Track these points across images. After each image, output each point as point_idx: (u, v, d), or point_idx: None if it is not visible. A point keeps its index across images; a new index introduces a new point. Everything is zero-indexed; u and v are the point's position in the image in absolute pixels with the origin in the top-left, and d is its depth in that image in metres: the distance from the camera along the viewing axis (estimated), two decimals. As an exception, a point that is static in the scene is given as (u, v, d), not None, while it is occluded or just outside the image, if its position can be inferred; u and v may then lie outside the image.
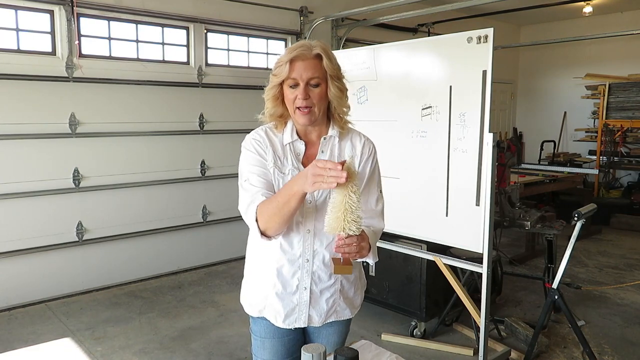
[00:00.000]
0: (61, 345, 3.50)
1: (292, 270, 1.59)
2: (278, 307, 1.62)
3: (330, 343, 1.73)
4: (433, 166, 3.06)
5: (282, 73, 1.49)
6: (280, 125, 1.60)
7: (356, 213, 1.34)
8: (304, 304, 1.62)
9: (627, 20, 7.80)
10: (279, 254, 1.58)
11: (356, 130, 1.69)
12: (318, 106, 1.52)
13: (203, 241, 5.22)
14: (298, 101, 1.50)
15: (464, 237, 2.94)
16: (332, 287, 1.64)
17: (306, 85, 1.50)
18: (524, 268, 5.23)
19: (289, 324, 1.64)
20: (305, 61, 1.49)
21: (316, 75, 1.49)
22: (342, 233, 1.36)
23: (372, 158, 1.66)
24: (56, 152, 4.23)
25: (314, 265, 1.59)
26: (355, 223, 1.35)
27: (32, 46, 4.12)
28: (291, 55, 1.48)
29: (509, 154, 4.04)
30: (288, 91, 1.52)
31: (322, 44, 1.53)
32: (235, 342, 3.55)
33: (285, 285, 1.60)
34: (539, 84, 9.23)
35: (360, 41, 6.11)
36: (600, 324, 3.86)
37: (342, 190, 1.33)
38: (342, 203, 1.33)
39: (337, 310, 1.68)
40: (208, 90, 5.14)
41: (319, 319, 1.65)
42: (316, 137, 1.62)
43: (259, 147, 1.57)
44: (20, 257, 4.12)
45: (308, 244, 1.58)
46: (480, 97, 2.77)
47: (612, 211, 7.06)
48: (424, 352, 3.42)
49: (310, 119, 1.53)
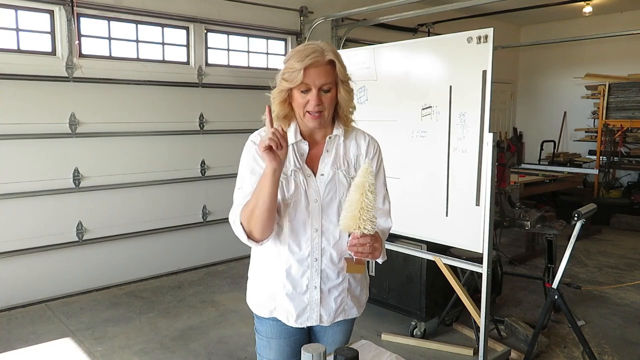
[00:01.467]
0: (61, 345, 3.50)
1: (301, 270, 1.59)
2: (289, 308, 1.62)
3: (335, 342, 1.73)
4: (433, 166, 3.06)
5: (296, 80, 1.48)
6: (284, 126, 1.58)
7: (372, 212, 1.36)
8: (314, 303, 1.62)
9: (627, 20, 7.80)
10: (287, 254, 1.58)
11: (360, 129, 1.70)
12: (328, 110, 1.54)
13: (203, 241, 5.22)
14: (310, 106, 1.50)
15: (464, 237, 2.94)
16: (340, 285, 1.64)
17: (319, 91, 1.50)
18: (524, 268, 5.23)
19: (301, 323, 1.63)
20: (319, 68, 1.48)
21: (329, 81, 1.50)
22: (357, 231, 1.38)
23: (378, 157, 1.68)
24: (56, 152, 4.23)
25: (322, 264, 1.60)
26: (371, 222, 1.37)
27: (32, 46, 4.12)
28: (305, 63, 1.46)
29: (509, 154, 4.04)
30: (298, 95, 1.51)
31: (331, 47, 1.53)
32: (235, 342, 3.55)
33: (295, 285, 1.60)
34: (539, 84, 9.23)
35: (360, 41, 6.11)
36: (600, 324, 3.86)
37: (359, 189, 1.36)
38: (358, 201, 1.35)
39: (345, 309, 1.68)
40: (208, 90, 5.14)
41: (328, 318, 1.65)
42: (321, 137, 1.62)
43: (258, 152, 1.55)
44: (20, 257, 4.12)
45: (316, 243, 1.58)
46: (480, 97, 2.77)
47: (612, 211, 7.06)
48: (424, 352, 3.42)
49: (320, 123, 1.54)
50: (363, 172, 1.38)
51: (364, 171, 1.38)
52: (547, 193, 6.69)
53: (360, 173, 1.39)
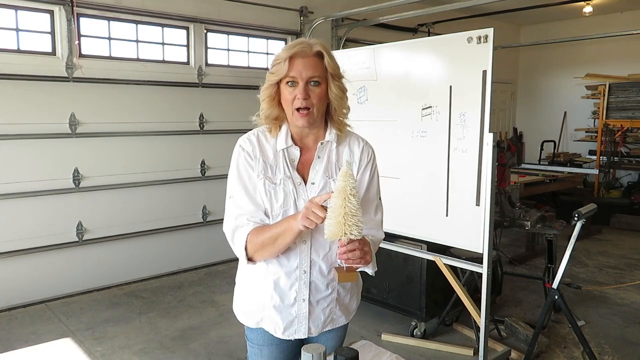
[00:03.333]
0: (61, 345, 3.50)
1: (289, 282, 1.54)
2: (277, 320, 1.57)
3: (328, 348, 1.71)
4: (433, 166, 3.06)
5: (281, 71, 1.42)
6: (274, 129, 1.53)
7: (357, 217, 1.30)
8: (302, 315, 1.57)
9: (627, 20, 7.80)
10: (275, 266, 1.53)
11: (355, 134, 1.62)
12: (317, 107, 1.46)
13: (203, 241, 5.22)
14: (297, 102, 1.43)
15: (464, 237, 2.94)
16: (328, 296, 1.59)
17: (306, 85, 1.43)
18: (524, 268, 5.23)
19: (289, 335, 1.59)
20: (305, 59, 1.42)
21: (317, 74, 1.43)
22: (344, 238, 1.32)
23: (372, 164, 1.60)
24: (56, 152, 4.23)
25: (311, 276, 1.54)
26: (357, 227, 1.31)
27: (32, 46, 4.11)
28: (290, 52, 1.42)
29: (509, 154, 4.04)
30: (286, 91, 1.45)
31: (321, 41, 1.48)
32: (235, 342, 3.54)
33: (283, 297, 1.55)
34: (539, 84, 9.23)
35: (360, 41, 6.11)
36: (600, 324, 3.86)
37: (340, 194, 1.29)
38: (341, 207, 1.29)
39: (333, 319, 1.64)
40: (208, 90, 5.14)
41: (316, 329, 1.61)
42: (313, 141, 1.55)
43: (248, 157, 1.52)
44: (20, 257, 4.12)
45: (305, 256, 1.53)
46: (480, 97, 2.77)
47: (612, 211, 7.06)
48: (424, 352, 3.41)
49: (309, 121, 1.46)
50: (343, 176, 1.31)
51: (344, 174, 1.31)
52: (547, 193, 6.70)
53: (340, 177, 1.32)
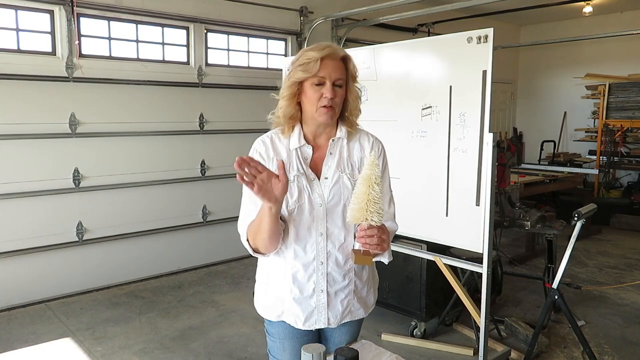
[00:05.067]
0: (61, 345, 3.50)
1: (307, 274, 1.60)
2: (297, 312, 1.63)
3: (343, 342, 1.74)
4: (433, 166, 3.06)
5: (312, 70, 1.50)
6: (288, 129, 1.60)
7: (378, 204, 1.39)
8: (322, 306, 1.62)
9: (627, 20, 7.80)
10: (292, 260, 1.59)
11: (364, 130, 1.70)
12: (338, 107, 1.56)
13: (203, 241, 5.22)
14: (324, 100, 1.51)
15: (464, 237, 2.94)
16: (346, 288, 1.64)
17: (332, 85, 1.52)
18: (524, 268, 5.23)
19: (309, 325, 1.64)
20: (335, 61, 1.53)
21: (342, 76, 1.54)
22: (365, 223, 1.40)
23: (382, 158, 1.67)
24: (56, 152, 4.23)
25: (328, 267, 1.60)
26: (378, 214, 1.39)
27: (32, 46, 4.12)
28: (322, 53, 1.50)
29: (509, 154, 4.04)
30: (311, 90, 1.53)
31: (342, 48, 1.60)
32: (235, 342, 3.55)
33: (302, 289, 1.61)
34: (539, 84, 9.23)
35: (360, 41, 6.11)
36: (600, 324, 3.86)
37: (365, 182, 1.39)
38: (365, 194, 1.38)
39: (352, 311, 1.69)
40: (208, 90, 5.14)
41: (335, 320, 1.65)
42: (325, 140, 1.62)
43: (261, 158, 1.58)
44: (20, 257, 4.12)
45: (321, 247, 1.59)
46: (480, 97, 2.77)
47: (612, 211, 7.06)
48: (424, 352, 3.42)
49: (332, 116, 1.55)
50: (370, 165, 1.40)
51: (371, 164, 1.40)
52: (547, 193, 6.69)
53: (367, 166, 1.41)
